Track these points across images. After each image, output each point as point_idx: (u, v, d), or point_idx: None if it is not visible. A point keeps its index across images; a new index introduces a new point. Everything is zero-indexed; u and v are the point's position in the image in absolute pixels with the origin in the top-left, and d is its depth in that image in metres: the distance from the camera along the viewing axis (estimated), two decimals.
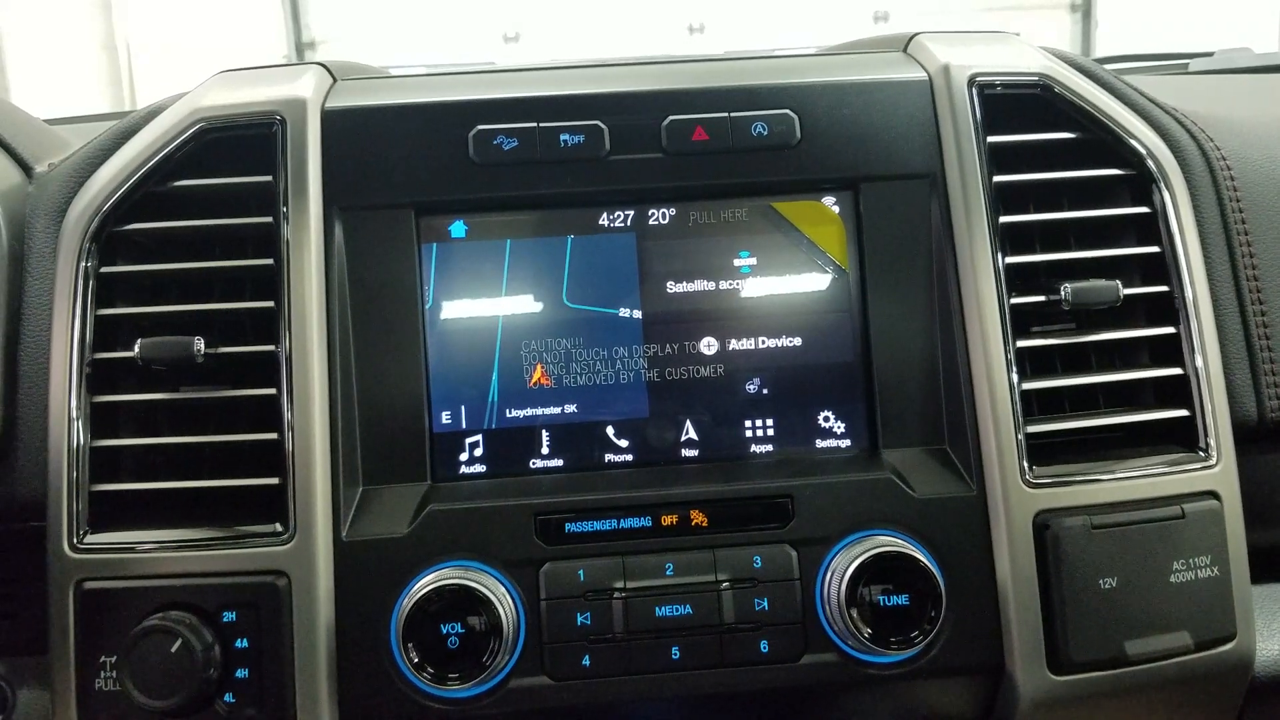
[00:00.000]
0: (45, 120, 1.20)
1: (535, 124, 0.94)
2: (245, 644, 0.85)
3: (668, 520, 0.89)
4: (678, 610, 0.87)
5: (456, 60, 1.25)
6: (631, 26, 6.01)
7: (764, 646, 0.87)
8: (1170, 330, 0.95)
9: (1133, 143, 0.97)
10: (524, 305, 0.96)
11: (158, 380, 0.92)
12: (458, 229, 0.95)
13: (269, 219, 0.91)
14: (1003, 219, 0.94)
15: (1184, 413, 0.94)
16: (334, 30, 6.22)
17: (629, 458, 0.96)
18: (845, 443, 0.96)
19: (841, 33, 1.33)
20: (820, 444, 0.96)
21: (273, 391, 0.89)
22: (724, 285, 0.96)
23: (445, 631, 0.84)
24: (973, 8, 5.87)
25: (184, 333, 0.90)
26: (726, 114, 0.94)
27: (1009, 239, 0.95)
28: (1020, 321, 0.94)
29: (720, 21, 6.14)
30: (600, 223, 0.96)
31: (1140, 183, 0.98)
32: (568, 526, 0.89)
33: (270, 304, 0.90)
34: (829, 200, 0.97)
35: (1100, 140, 0.98)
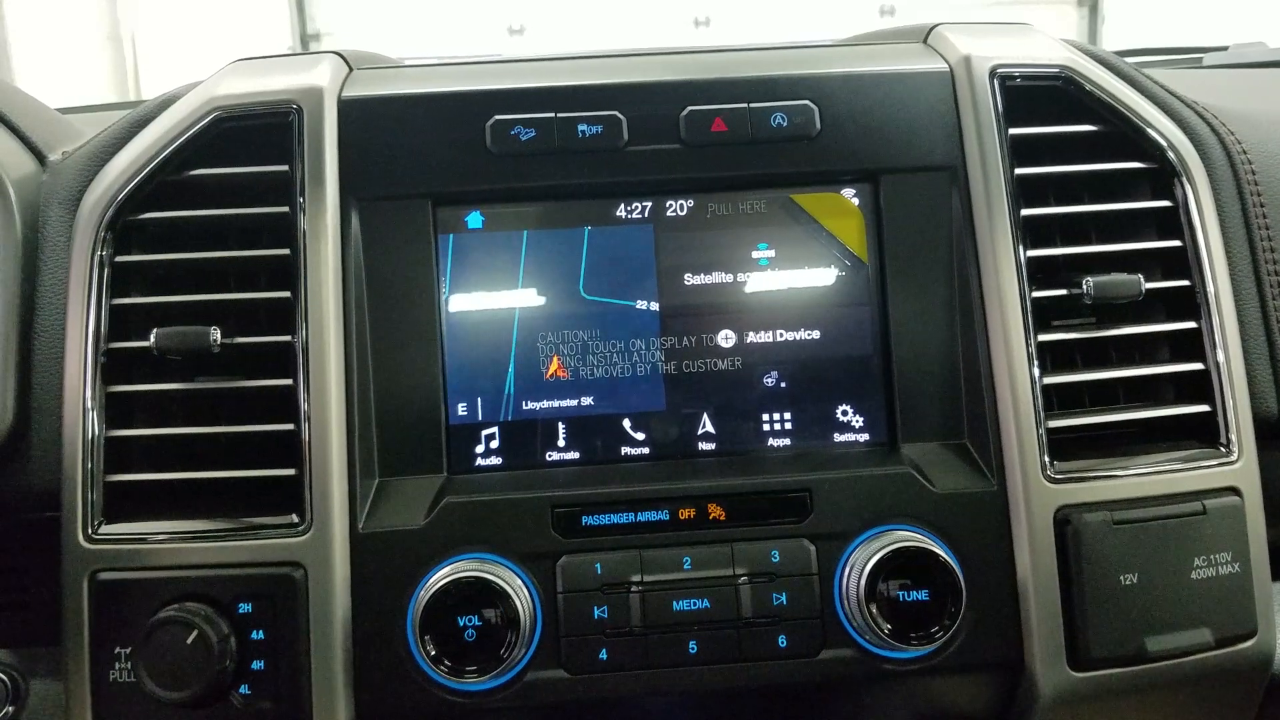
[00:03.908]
0: (56, 110, 1.20)
1: (553, 114, 0.93)
2: (261, 635, 0.85)
3: (685, 514, 0.89)
4: (695, 604, 0.87)
5: (462, 52, 1.25)
6: (637, 20, 5.99)
7: (782, 641, 0.87)
8: (1191, 325, 0.95)
9: (1154, 135, 0.97)
10: (540, 297, 0.95)
11: (173, 370, 0.91)
12: (474, 220, 0.95)
13: (285, 209, 0.91)
14: (1024, 212, 0.93)
15: (1205, 408, 0.94)
16: (339, 22, 6.21)
17: (646, 451, 0.95)
18: (864, 437, 0.96)
19: (848, 26, 1.33)
20: (839, 438, 0.96)
21: (289, 382, 0.88)
22: (742, 278, 0.96)
23: (462, 624, 0.84)
24: (980, 1, 5.85)
25: (199, 323, 0.90)
26: (745, 105, 0.94)
27: (1029, 232, 0.94)
28: (1041, 315, 0.93)
29: (726, 15, 6.12)
30: (618, 214, 0.96)
31: (1161, 176, 0.97)
32: (584, 519, 0.88)
33: (287, 294, 0.90)
34: (848, 192, 0.96)
35: (1121, 133, 0.97)
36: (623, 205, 0.96)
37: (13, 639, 1.01)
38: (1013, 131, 0.94)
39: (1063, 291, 0.93)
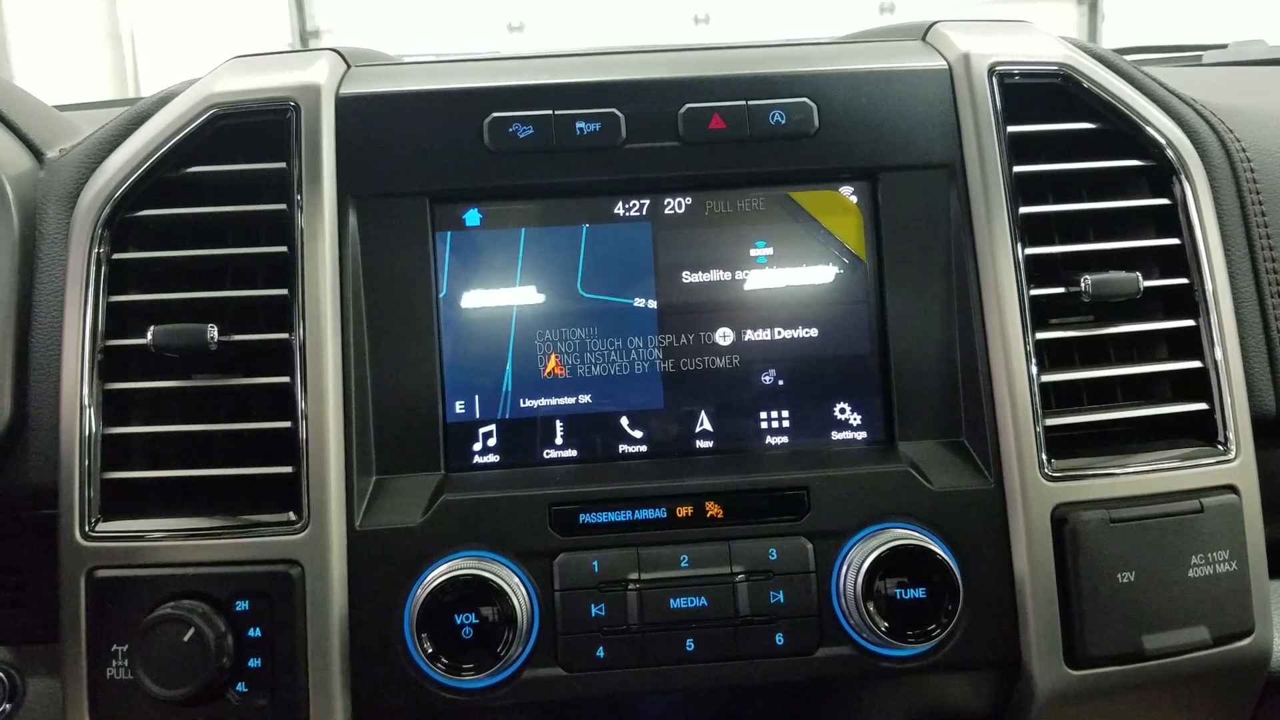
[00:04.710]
0: (54, 107, 1.19)
1: (551, 111, 0.93)
2: (258, 633, 0.85)
3: (682, 512, 0.89)
4: (692, 602, 0.87)
5: (461, 49, 1.24)
6: (636, 16, 5.99)
7: (779, 639, 0.87)
8: (1190, 323, 0.95)
9: (1153, 133, 0.96)
10: (538, 294, 0.95)
11: (170, 368, 0.91)
12: (472, 217, 0.95)
13: (283, 206, 0.91)
14: (1022, 210, 0.93)
15: (1203, 406, 0.94)
16: (338, 19, 6.21)
17: (643, 449, 0.95)
18: (861, 435, 0.96)
19: (848, 23, 1.32)
20: (836, 436, 0.96)
21: (286, 380, 0.88)
22: (740, 275, 0.96)
23: (459, 622, 0.83)
24: None
25: (196, 320, 0.89)
26: (744, 102, 0.94)
27: (1028, 230, 0.94)
28: (1039, 313, 0.93)
29: (725, 12, 6.12)
30: (616, 211, 0.95)
31: (1160, 174, 0.97)
32: (582, 517, 0.88)
33: (284, 292, 0.90)
34: (847, 190, 0.96)
35: (1120, 131, 0.97)
36: (621, 203, 0.95)
37: (10, 636, 1.01)
38: (1011, 129, 0.94)
39: (1061, 289, 0.93)
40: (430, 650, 0.83)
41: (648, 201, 0.95)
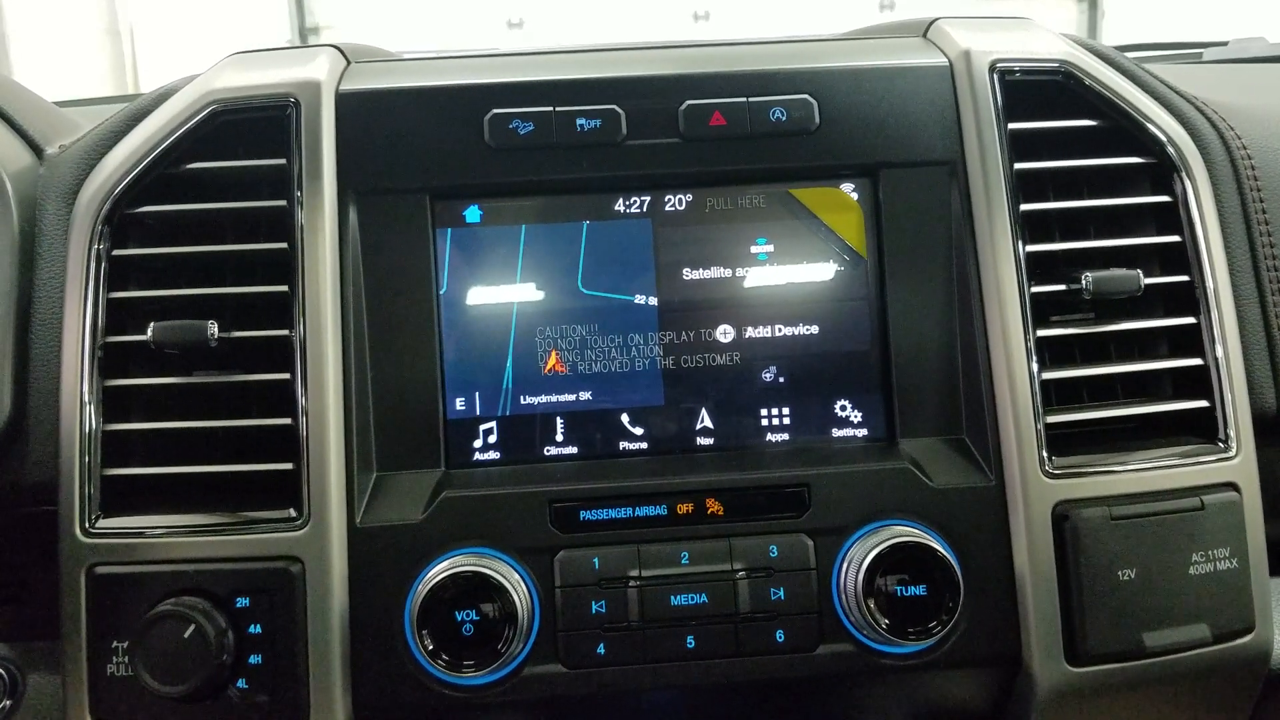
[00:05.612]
0: (54, 103, 1.19)
1: (551, 108, 0.93)
2: (258, 630, 0.85)
3: (683, 509, 0.89)
4: (693, 599, 0.87)
5: (461, 46, 1.24)
6: (636, 13, 5.99)
7: (780, 636, 0.87)
8: (1190, 320, 0.95)
9: (1154, 130, 0.96)
10: (539, 291, 0.95)
11: (170, 364, 0.91)
12: (472, 214, 0.95)
13: (283, 202, 0.91)
14: (1023, 207, 0.93)
15: (1204, 403, 0.94)
16: (337, 16, 6.21)
17: (644, 445, 0.95)
18: (862, 432, 0.96)
19: (848, 20, 1.32)
20: (837, 433, 0.96)
21: (287, 376, 0.88)
22: (740, 272, 0.96)
23: (460, 619, 0.83)
24: None
25: (196, 316, 0.89)
26: (744, 99, 0.93)
27: (1029, 227, 0.94)
28: (1039, 311, 0.93)
29: (725, 9, 6.12)
30: (616, 208, 0.95)
31: (1161, 171, 0.97)
32: (582, 514, 0.88)
33: (284, 288, 0.90)
34: (847, 187, 0.96)
35: (1121, 128, 0.97)
36: (621, 199, 0.95)
37: (10, 633, 1.01)
38: (1012, 126, 0.94)
39: (1062, 287, 0.93)
40: (431, 647, 0.83)
41: (648, 198, 0.95)
